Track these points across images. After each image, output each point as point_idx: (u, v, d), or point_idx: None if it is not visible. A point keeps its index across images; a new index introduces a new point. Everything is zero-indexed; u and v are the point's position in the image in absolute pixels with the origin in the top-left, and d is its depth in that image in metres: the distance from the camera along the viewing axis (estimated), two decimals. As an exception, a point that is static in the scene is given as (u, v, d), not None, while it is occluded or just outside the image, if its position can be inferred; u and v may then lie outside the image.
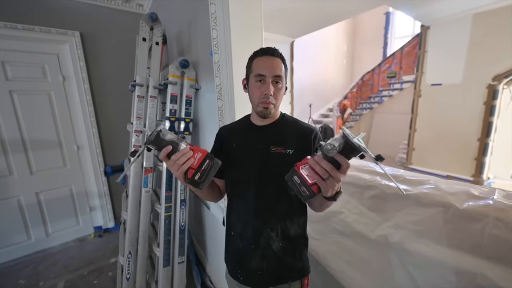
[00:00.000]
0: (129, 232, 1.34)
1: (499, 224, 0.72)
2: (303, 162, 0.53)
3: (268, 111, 0.68)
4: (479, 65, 3.33)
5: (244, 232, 0.72)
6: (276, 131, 0.73)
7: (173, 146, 0.57)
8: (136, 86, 1.33)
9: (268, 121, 0.74)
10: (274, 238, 0.70)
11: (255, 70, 0.69)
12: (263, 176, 0.70)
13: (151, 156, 1.38)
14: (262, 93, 0.67)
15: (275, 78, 0.67)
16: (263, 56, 0.69)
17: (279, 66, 0.68)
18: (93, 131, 2.25)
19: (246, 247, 0.73)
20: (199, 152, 0.59)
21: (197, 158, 0.58)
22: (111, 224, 2.55)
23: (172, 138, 0.57)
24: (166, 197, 1.34)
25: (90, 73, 2.19)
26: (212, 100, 1.30)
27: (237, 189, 0.74)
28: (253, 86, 0.69)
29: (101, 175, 2.39)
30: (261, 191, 0.70)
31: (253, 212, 0.71)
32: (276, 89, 0.68)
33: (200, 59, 1.38)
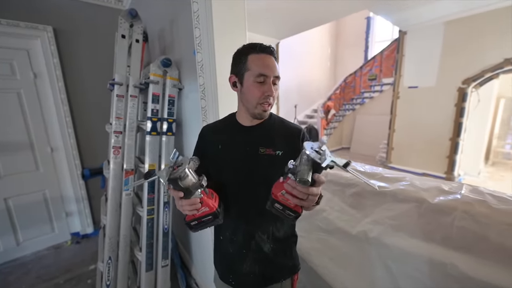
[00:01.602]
0: (109, 237, 1.28)
1: (466, 216, 0.78)
2: (277, 187, 0.54)
3: (266, 113, 0.67)
4: (450, 69, 3.57)
5: (235, 237, 0.71)
6: (264, 132, 0.71)
7: (185, 193, 0.55)
8: (115, 85, 1.28)
9: (256, 121, 0.71)
10: (265, 241, 0.70)
11: (256, 69, 0.64)
12: (253, 179, 0.68)
13: (132, 158, 1.33)
14: (263, 94, 0.64)
15: (275, 78, 0.66)
16: (261, 54, 0.65)
17: (276, 66, 0.66)
18: (68, 131, 2.13)
19: (237, 252, 0.71)
20: (206, 207, 0.59)
21: (201, 211, 0.59)
22: (89, 230, 2.43)
23: (188, 185, 0.55)
24: (148, 200, 1.30)
25: (65, 70, 2.07)
26: (195, 100, 1.28)
27: (225, 193, 0.71)
28: (252, 86, 0.65)
29: (79, 178, 2.27)
30: (251, 194, 0.68)
31: (243, 216, 0.69)
32: (275, 89, 0.66)
33: (183, 58, 1.35)
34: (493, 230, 0.72)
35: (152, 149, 1.32)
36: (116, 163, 1.29)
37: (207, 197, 0.60)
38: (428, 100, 3.92)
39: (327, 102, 6.32)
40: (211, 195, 0.63)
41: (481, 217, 0.75)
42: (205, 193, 0.60)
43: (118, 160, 1.29)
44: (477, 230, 0.74)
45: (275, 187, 0.55)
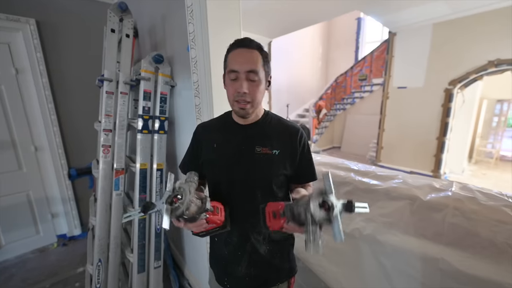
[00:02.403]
0: (99, 238, 1.23)
1: (457, 213, 0.80)
2: (275, 224, 0.54)
3: (245, 111, 0.64)
4: (438, 70, 3.68)
5: (230, 239, 0.69)
6: (260, 130, 0.69)
7: (191, 220, 0.54)
8: (104, 81, 1.23)
9: (251, 119, 0.69)
10: (261, 242, 0.68)
11: (229, 66, 0.63)
12: (249, 179, 0.66)
13: (123, 157, 1.29)
14: (235, 91, 0.62)
15: (249, 73, 0.60)
16: (237, 49, 0.62)
17: (254, 59, 0.61)
18: (54, 130, 2.04)
19: (232, 254, 0.70)
20: (213, 223, 0.59)
21: (207, 227, 0.59)
22: (77, 232, 2.34)
23: (193, 213, 0.51)
24: (140, 200, 1.27)
25: (50, 66, 1.97)
26: (189, 97, 1.25)
27: (220, 193, 0.69)
28: (227, 84, 0.65)
29: (65, 178, 2.18)
30: (248, 195, 0.67)
31: (240, 218, 0.67)
32: (251, 85, 0.61)
33: (176, 54, 1.32)
34: (483, 226, 0.74)
35: (144, 148, 1.28)
36: (105, 162, 1.25)
37: (213, 214, 0.59)
38: (416, 101, 4.04)
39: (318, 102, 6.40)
40: (216, 210, 0.61)
41: (471, 214, 0.78)
42: (211, 213, 0.57)
43: (108, 159, 1.25)
44: (467, 226, 0.76)
45: (273, 222, 0.55)
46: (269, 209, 0.56)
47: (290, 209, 0.50)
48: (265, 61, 0.64)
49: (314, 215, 0.42)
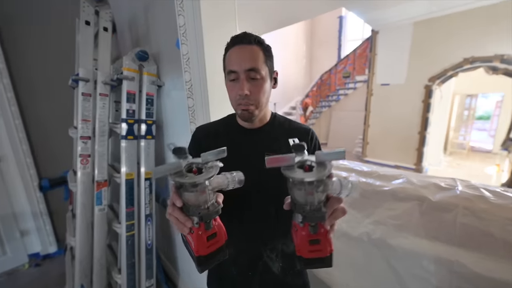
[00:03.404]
0: (80, 261, 1.08)
1: (468, 213, 0.79)
2: (302, 242, 0.40)
3: (249, 114, 0.57)
4: (418, 67, 3.84)
5: (240, 258, 0.61)
6: (268, 134, 0.62)
7: (188, 209, 0.39)
8: (80, 81, 1.07)
9: (258, 123, 0.62)
10: (274, 260, 0.61)
11: (227, 66, 0.57)
12: (260, 191, 0.58)
13: (105, 167, 1.14)
14: (237, 94, 0.56)
15: (249, 72, 0.54)
16: (234, 47, 0.56)
17: (255, 56, 0.54)
18: (19, 136, 1.80)
19: (241, 275, 0.62)
20: (221, 237, 0.42)
21: (210, 245, 0.41)
22: (52, 249, 2.11)
23: (201, 202, 0.39)
24: (127, 214, 1.13)
25: (11, 64, 1.73)
26: (179, 98, 1.14)
27: (228, 208, 0.61)
28: (228, 86, 0.58)
29: (36, 190, 1.94)
30: (260, 209, 0.60)
31: (250, 235, 0.60)
32: (253, 85, 0.55)
33: (163, 51, 1.19)
34: (496, 226, 0.73)
35: (129, 156, 1.15)
36: (85, 174, 1.10)
37: (219, 228, 0.42)
38: (398, 97, 4.19)
39: (304, 99, 6.44)
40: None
41: (481, 213, 0.76)
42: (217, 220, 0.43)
43: (88, 171, 1.10)
44: (479, 226, 0.75)
45: (300, 245, 0.40)
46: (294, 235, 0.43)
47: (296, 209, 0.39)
48: (267, 56, 0.57)
49: (306, 187, 0.35)
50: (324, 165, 0.36)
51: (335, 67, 6.65)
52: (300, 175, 0.35)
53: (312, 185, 0.35)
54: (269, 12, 3.33)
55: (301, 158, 0.39)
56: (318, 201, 0.36)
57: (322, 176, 0.34)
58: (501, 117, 5.36)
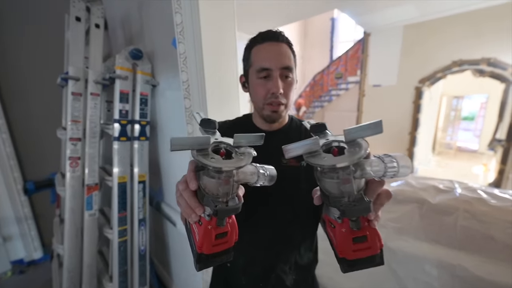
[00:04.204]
0: (68, 270, 1.02)
1: (467, 215, 0.79)
2: (344, 241, 0.32)
3: (278, 114, 0.55)
4: (408, 69, 3.92)
5: (250, 268, 0.58)
6: (285, 138, 0.57)
7: (203, 196, 0.32)
8: (69, 80, 1.01)
9: (277, 125, 0.60)
10: (287, 272, 0.58)
11: (256, 63, 0.54)
12: (275, 197, 0.54)
13: (96, 170, 1.09)
14: (268, 92, 0.53)
15: (284, 70, 0.53)
16: (264, 43, 0.54)
17: (287, 54, 0.54)
18: (2, 137, 1.69)
19: (252, 285, 0.59)
20: (232, 236, 0.35)
21: (221, 242, 0.33)
22: (37, 255, 2.01)
23: (225, 193, 0.31)
24: (119, 219, 1.08)
25: (-7, 60, 1.63)
26: (174, 98, 1.10)
27: (240, 214, 0.55)
28: (256, 84, 0.55)
29: (20, 194, 1.84)
30: (273, 216, 0.56)
31: (263, 244, 0.57)
32: (285, 84, 0.53)
33: (157, 49, 1.15)
34: (496, 229, 0.74)
35: (122, 158, 1.10)
36: (74, 177, 1.04)
37: (232, 227, 0.35)
38: (390, 98, 4.27)
39: (298, 100, 6.46)
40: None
41: (482, 216, 0.77)
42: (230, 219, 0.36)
43: (77, 174, 1.04)
44: (480, 229, 0.76)
45: (341, 245, 0.32)
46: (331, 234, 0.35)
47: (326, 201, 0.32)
48: (294, 58, 0.56)
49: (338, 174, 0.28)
50: (357, 144, 0.29)
51: (328, 68, 6.72)
52: (330, 161, 0.28)
53: (347, 171, 0.28)
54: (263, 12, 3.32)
55: (326, 140, 0.33)
56: (358, 189, 0.29)
57: (358, 158, 0.27)
58: (486, 118, 5.57)
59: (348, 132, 0.30)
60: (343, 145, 0.31)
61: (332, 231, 0.34)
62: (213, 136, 0.34)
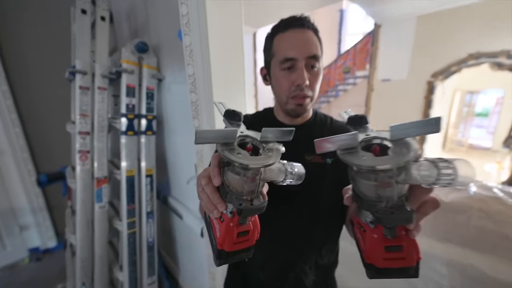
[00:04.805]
0: (81, 259, 1.06)
1: (482, 215, 0.76)
2: (374, 246, 0.29)
3: (303, 108, 0.51)
4: (421, 62, 3.78)
5: (269, 265, 0.57)
6: (309, 133, 0.55)
7: (226, 192, 0.31)
8: (77, 73, 1.02)
9: (300, 120, 0.57)
10: (307, 272, 0.56)
11: (280, 53, 0.50)
12: (298, 194, 0.52)
13: (105, 163, 1.11)
14: (292, 84, 0.49)
15: (310, 60, 0.48)
16: (288, 31, 0.49)
17: (313, 42, 0.49)
18: (15, 131, 1.75)
19: (270, 280, 0.57)
20: (254, 234, 0.33)
21: (241, 241, 0.32)
22: (52, 243, 2.10)
23: (250, 190, 0.30)
24: (128, 211, 1.11)
25: (4, 55, 1.66)
26: (180, 93, 1.10)
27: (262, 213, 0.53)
28: (279, 76, 0.51)
29: (34, 185, 1.91)
30: (295, 215, 0.54)
31: (283, 242, 0.55)
32: (312, 75, 0.49)
33: (163, 42, 1.14)
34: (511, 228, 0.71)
35: (129, 152, 1.11)
36: (84, 170, 1.06)
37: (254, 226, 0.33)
38: (400, 93, 4.14)
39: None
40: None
41: (497, 215, 0.74)
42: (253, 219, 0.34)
43: (87, 167, 1.06)
44: (495, 229, 0.73)
45: (371, 251, 0.30)
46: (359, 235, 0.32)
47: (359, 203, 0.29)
48: (321, 45, 0.51)
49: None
50: (405, 144, 0.25)
51: (335, 62, 6.56)
52: (370, 161, 0.25)
53: (389, 174, 0.24)
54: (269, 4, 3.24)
55: (366, 136, 0.29)
56: (399, 194, 0.25)
57: (404, 161, 0.23)
58: (502, 114, 5.34)
59: (395, 129, 0.25)
60: (387, 143, 0.28)
61: (362, 235, 0.31)
62: (238, 129, 0.32)
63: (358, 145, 0.28)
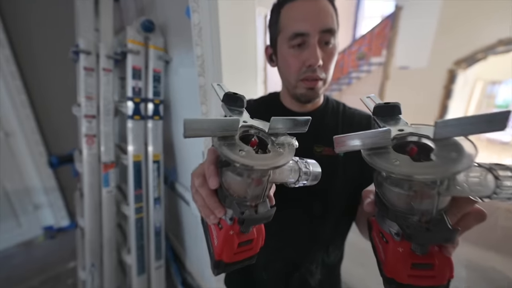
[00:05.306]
0: (90, 241, 1.08)
1: (510, 216, 0.70)
2: (399, 262, 0.24)
3: (314, 92, 0.44)
4: (444, 49, 3.53)
5: (273, 264, 0.53)
6: (320, 122, 0.48)
7: (225, 197, 0.25)
8: (80, 53, 0.98)
9: (310, 106, 0.50)
10: (313, 272, 0.52)
11: (288, 27, 0.42)
12: (306, 190, 0.47)
13: (111, 148, 1.09)
14: (303, 65, 0.42)
15: (324, 34, 0.40)
16: (297, 0, 0.41)
17: (329, 12, 0.41)
18: (26, 112, 1.76)
19: (274, 280, 0.54)
20: (257, 244, 0.28)
21: (243, 250, 0.28)
22: (65, 223, 2.18)
23: (255, 195, 0.25)
24: (135, 197, 1.10)
25: (12, 35, 1.63)
26: (188, 76, 1.04)
27: None
28: (287, 55, 0.44)
29: (45, 167, 1.95)
30: (302, 211, 0.49)
31: (289, 240, 0.51)
32: (326, 53, 0.42)
33: (170, 21, 1.07)
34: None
35: (136, 137, 1.08)
36: (91, 155, 1.05)
37: (258, 233, 0.28)
38: (417, 81, 3.92)
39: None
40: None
41: (528, 217, 0.68)
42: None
43: (93, 152, 1.05)
44: (525, 232, 0.67)
45: (393, 266, 0.24)
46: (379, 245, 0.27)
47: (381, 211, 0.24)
48: (337, 17, 0.43)
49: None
50: (454, 145, 0.19)
51: (349, 48, 6.23)
52: (408, 169, 0.18)
53: (430, 185, 0.19)
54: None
55: (399, 132, 0.23)
56: (438, 208, 0.20)
57: (455, 170, 0.17)
58: (526, 106, 5.01)
59: (442, 125, 0.19)
60: (428, 143, 0.21)
61: (383, 246, 0.26)
62: (240, 117, 0.26)
63: (390, 143, 0.22)
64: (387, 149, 0.21)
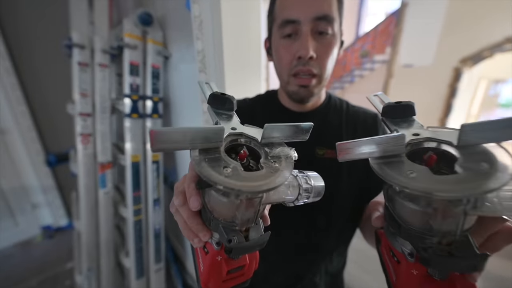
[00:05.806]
0: (87, 244, 1.04)
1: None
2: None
3: (307, 91, 0.40)
4: (450, 46, 3.46)
5: (273, 277, 0.50)
6: (322, 122, 0.44)
7: (211, 221, 0.21)
8: (74, 47, 0.92)
9: (310, 105, 0.46)
10: (316, 283, 0.49)
11: (279, 15, 0.38)
12: None
13: (108, 147, 1.04)
14: (293, 57, 0.37)
15: (318, 22, 0.36)
16: None
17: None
18: (21, 109, 1.71)
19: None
20: (250, 271, 0.24)
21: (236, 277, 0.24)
22: (63, 222, 2.14)
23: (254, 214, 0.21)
24: (133, 198, 1.06)
25: (6, 29, 1.58)
26: (188, 72, 0.99)
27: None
28: (279, 46, 0.39)
29: (42, 165, 1.91)
30: (304, 221, 0.46)
31: (290, 250, 0.48)
32: (320, 44, 0.37)
33: (169, 14, 1.01)
34: None
35: (134, 136, 1.03)
36: (86, 155, 1.00)
37: (250, 261, 0.24)
38: (422, 80, 3.86)
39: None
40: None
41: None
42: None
43: (89, 151, 1.00)
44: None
45: (408, 286, 0.21)
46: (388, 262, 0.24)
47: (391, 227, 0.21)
48: (339, 3, 0.39)
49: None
50: (483, 154, 0.16)
51: (353, 45, 6.16)
52: (427, 184, 0.15)
53: (457, 202, 0.16)
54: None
55: (414, 137, 0.20)
56: (463, 228, 0.17)
57: (487, 190, 0.14)
58: (531, 105, 4.93)
59: (470, 130, 0.16)
60: (450, 150, 0.18)
61: (394, 265, 0.22)
62: (228, 123, 0.22)
63: (403, 151, 0.18)
64: (400, 157, 0.18)
